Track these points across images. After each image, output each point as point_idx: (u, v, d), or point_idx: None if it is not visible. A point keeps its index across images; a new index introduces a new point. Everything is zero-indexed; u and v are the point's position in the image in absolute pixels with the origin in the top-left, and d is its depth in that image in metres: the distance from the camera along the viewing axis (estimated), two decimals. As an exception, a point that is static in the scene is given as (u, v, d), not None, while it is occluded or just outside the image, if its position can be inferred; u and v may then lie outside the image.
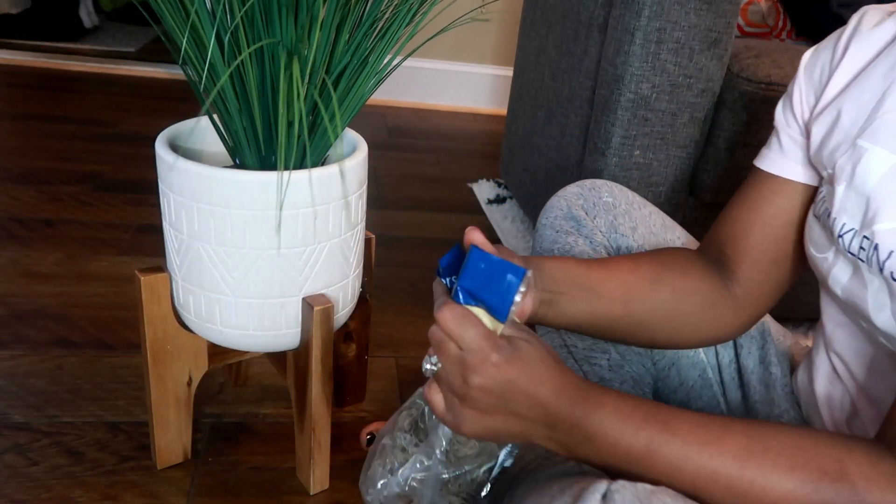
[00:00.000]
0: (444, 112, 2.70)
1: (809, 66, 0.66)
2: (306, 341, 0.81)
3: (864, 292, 0.58)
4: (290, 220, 0.75)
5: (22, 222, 1.49)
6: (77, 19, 2.93)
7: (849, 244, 0.58)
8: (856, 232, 0.58)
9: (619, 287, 0.69)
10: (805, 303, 1.34)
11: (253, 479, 0.92)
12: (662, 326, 0.70)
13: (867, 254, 0.56)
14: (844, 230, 0.59)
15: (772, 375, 0.78)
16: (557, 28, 1.44)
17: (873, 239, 0.56)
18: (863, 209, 0.57)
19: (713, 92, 1.18)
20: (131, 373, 1.09)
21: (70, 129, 2.05)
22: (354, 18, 0.74)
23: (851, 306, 0.60)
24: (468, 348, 0.52)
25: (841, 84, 0.62)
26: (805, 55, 0.67)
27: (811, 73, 0.66)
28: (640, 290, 0.69)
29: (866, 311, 0.58)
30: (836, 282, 0.61)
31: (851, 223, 0.58)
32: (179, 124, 0.84)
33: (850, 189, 0.58)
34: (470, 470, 0.62)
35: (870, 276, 0.57)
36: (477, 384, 0.52)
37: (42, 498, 0.86)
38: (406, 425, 0.65)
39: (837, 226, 0.59)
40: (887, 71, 0.59)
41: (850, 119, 0.60)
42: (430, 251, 1.61)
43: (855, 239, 0.58)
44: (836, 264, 0.61)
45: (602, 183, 0.83)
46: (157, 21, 0.72)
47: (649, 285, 0.69)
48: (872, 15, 0.63)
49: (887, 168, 0.56)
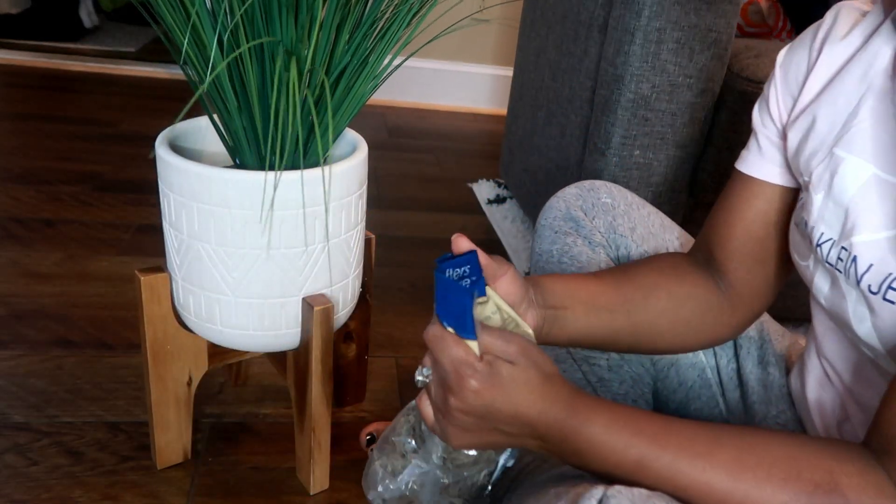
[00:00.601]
0: (444, 112, 2.70)
1: (785, 65, 0.65)
2: (306, 341, 0.81)
3: (844, 303, 0.57)
4: (291, 220, 0.75)
5: (22, 222, 1.49)
6: (77, 19, 2.93)
7: (827, 254, 0.58)
8: (834, 242, 0.57)
9: (618, 298, 0.69)
10: (804, 303, 1.34)
11: (253, 479, 0.92)
12: (664, 333, 0.71)
13: (845, 265, 0.56)
14: (823, 240, 0.58)
15: (770, 376, 0.78)
16: (557, 28, 1.44)
17: (851, 250, 0.55)
18: (841, 220, 0.56)
19: (713, 92, 1.18)
20: (131, 373, 1.09)
21: (70, 129, 2.05)
22: (354, 19, 0.74)
23: (834, 315, 0.60)
24: (446, 371, 0.52)
25: (816, 88, 0.62)
26: (780, 54, 0.66)
27: (786, 73, 0.65)
28: (638, 299, 0.69)
29: (848, 321, 0.57)
30: (818, 290, 0.61)
31: (829, 233, 0.58)
32: (179, 124, 0.84)
33: (829, 198, 0.58)
34: (469, 475, 0.62)
35: (847, 288, 0.56)
36: (455, 406, 0.53)
37: (42, 498, 0.86)
38: (404, 431, 0.65)
39: (815, 235, 0.59)
40: (861, 76, 0.58)
41: (825, 126, 0.59)
42: (430, 251, 1.61)
43: (833, 249, 0.57)
44: (816, 273, 0.60)
45: (601, 184, 0.83)
46: (157, 21, 0.72)
47: (647, 293, 0.70)
48: (847, 14, 0.61)
49: (865, 178, 0.55)
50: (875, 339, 0.55)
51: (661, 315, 0.70)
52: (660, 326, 0.70)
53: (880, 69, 0.57)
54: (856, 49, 0.59)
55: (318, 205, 0.75)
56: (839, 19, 0.62)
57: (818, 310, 0.66)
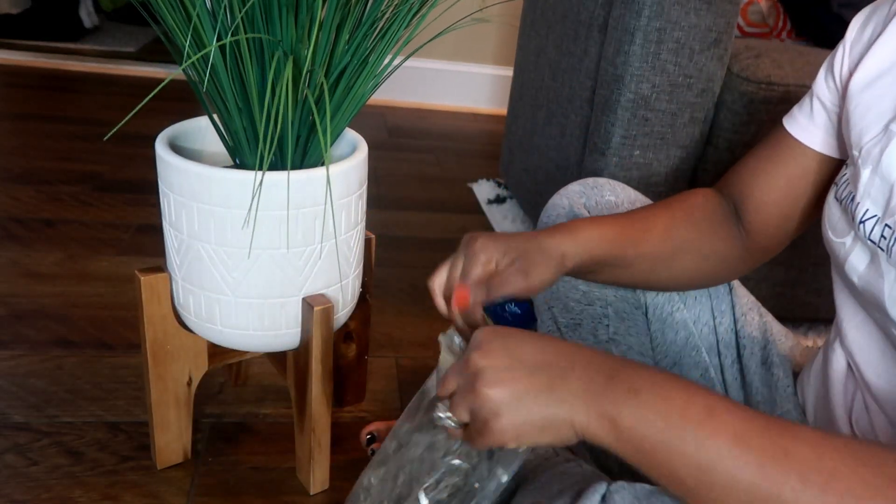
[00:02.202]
0: (444, 112, 2.70)
1: (860, 27, 0.63)
2: (306, 341, 0.81)
3: (881, 283, 0.55)
4: (290, 220, 0.75)
5: (22, 222, 1.49)
6: (77, 19, 2.93)
7: (870, 231, 0.56)
8: (878, 219, 0.56)
9: (647, 259, 0.71)
10: (805, 303, 1.35)
11: (253, 479, 0.92)
12: (680, 284, 0.75)
13: (888, 243, 0.54)
14: (867, 216, 0.56)
15: (774, 376, 0.78)
16: (557, 28, 1.44)
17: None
18: (886, 196, 0.55)
19: (713, 92, 1.18)
20: (131, 373, 1.09)
21: (70, 129, 2.05)
22: (354, 19, 0.74)
23: (868, 296, 0.58)
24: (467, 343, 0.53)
25: (881, 57, 0.59)
26: (857, 16, 0.64)
27: (859, 35, 0.63)
28: (667, 259, 0.72)
29: (882, 301, 0.55)
30: (852, 269, 0.59)
31: (874, 210, 0.56)
32: (179, 124, 0.84)
33: (876, 174, 0.56)
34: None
35: (887, 267, 0.55)
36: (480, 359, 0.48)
37: (42, 498, 0.86)
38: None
39: (860, 211, 0.57)
40: None
41: (885, 99, 0.58)
42: (430, 251, 1.61)
43: (877, 226, 0.55)
44: (853, 250, 0.59)
45: (605, 181, 0.83)
46: (157, 21, 0.72)
47: (675, 252, 0.72)
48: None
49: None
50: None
51: (683, 272, 0.73)
52: (679, 279, 0.74)
53: None
54: None
55: (318, 205, 0.75)
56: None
57: (845, 294, 0.64)
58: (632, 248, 0.71)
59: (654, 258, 0.71)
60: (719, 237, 0.72)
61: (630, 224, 0.72)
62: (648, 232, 0.72)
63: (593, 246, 0.68)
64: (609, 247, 0.69)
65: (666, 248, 0.72)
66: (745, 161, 0.73)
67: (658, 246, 0.71)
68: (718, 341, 0.80)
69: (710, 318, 0.80)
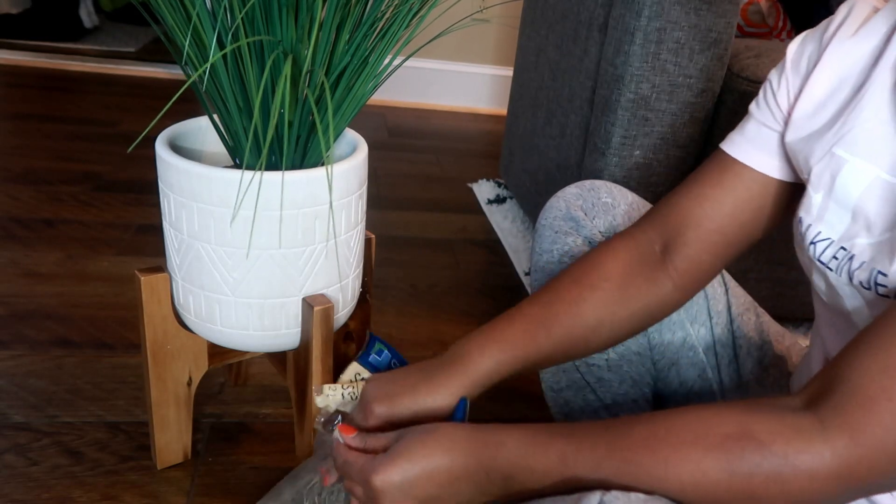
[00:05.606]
0: (444, 112, 2.71)
1: (795, 54, 0.63)
2: (306, 341, 0.81)
3: (840, 299, 0.57)
4: (290, 220, 0.75)
5: (22, 222, 1.49)
6: (77, 19, 2.93)
7: (820, 253, 0.57)
8: (832, 242, 0.57)
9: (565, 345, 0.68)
10: (804, 303, 1.35)
11: (253, 479, 0.92)
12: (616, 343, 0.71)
13: (839, 263, 0.55)
14: (818, 238, 0.58)
15: (770, 377, 0.78)
16: (557, 28, 1.44)
17: (851, 250, 0.55)
18: (845, 222, 0.56)
19: (713, 92, 1.18)
20: (131, 373, 1.09)
21: (70, 129, 2.05)
22: (354, 19, 0.74)
23: (835, 309, 0.59)
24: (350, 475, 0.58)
25: (819, 83, 0.60)
26: (792, 42, 0.64)
27: (796, 62, 0.63)
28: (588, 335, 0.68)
29: (849, 315, 0.57)
30: (817, 286, 0.60)
31: (828, 233, 0.57)
32: (179, 124, 0.84)
33: (830, 199, 0.57)
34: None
35: (839, 285, 0.56)
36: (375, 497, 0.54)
37: (42, 498, 0.86)
38: None
39: (811, 233, 0.58)
40: (867, 74, 0.57)
41: (825, 123, 0.58)
42: (430, 251, 1.61)
43: (829, 249, 0.57)
44: (812, 269, 0.60)
45: (601, 184, 0.83)
46: (157, 21, 0.72)
47: (598, 329, 0.68)
48: (860, 9, 0.60)
49: (869, 181, 0.54)
50: None
51: (612, 337, 0.70)
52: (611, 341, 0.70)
53: (887, 67, 0.56)
54: (864, 46, 0.58)
55: (317, 205, 0.76)
56: (852, 14, 0.60)
57: (820, 303, 0.65)
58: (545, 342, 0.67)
59: (571, 342, 0.68)
60: (642, 292, 0.69)
61: (535, 322, 0.68)
62: (556, 321, 0.68)
63: (500, 367, 0.65)
64: (515, 359, 0.66)
65: (579, 331, 0.68)
66: (686, 189, 0.70)
67: (572, 331, 0.68)
68: (715, 341, 0.80)
69: (707, 318, 0.80)
